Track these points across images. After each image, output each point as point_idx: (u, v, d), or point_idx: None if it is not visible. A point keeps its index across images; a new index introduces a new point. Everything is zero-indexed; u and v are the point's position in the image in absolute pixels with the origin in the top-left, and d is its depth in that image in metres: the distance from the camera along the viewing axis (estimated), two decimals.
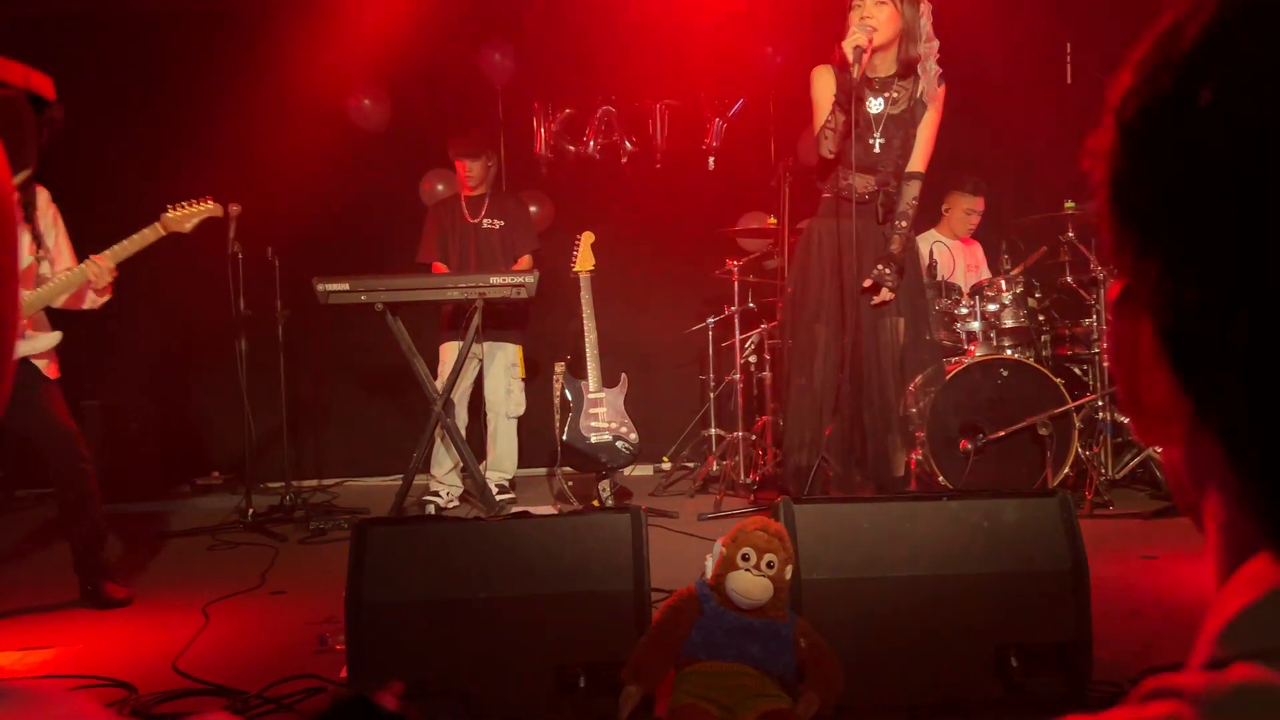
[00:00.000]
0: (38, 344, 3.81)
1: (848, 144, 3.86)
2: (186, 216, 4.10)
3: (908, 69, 3.88)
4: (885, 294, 3.92)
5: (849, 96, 3.78)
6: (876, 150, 3.91)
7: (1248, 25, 0.40)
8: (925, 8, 3.87)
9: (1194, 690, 0.37)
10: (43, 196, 3.85)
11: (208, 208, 4.17)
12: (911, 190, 3.96)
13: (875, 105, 3.90)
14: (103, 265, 3.81)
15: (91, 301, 3.96)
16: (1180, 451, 0.47)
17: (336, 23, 6.64)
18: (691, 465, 6.35)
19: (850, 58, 3.69)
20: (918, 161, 3.96)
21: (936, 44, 3.90)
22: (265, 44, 6.52)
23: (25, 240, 3.69)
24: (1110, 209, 0.46)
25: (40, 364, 3.79)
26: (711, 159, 6.88)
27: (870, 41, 3.71)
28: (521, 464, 5.85)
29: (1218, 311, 0.40)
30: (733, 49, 6.71)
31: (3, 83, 0.39)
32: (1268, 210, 0.38)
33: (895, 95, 3.92)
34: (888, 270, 3.87)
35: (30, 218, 3.72)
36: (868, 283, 3.90)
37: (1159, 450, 3.29)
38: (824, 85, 3.95)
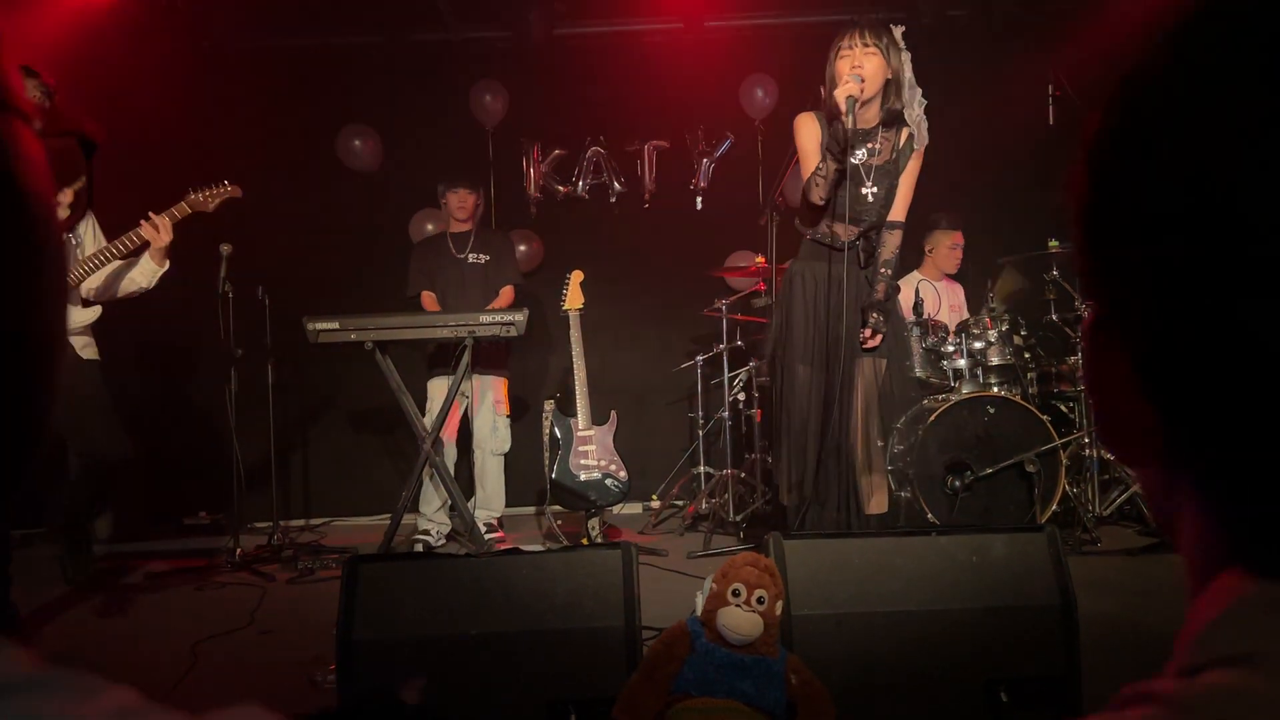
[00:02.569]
0: (74, 317, 3.84)
1: (835, 192, 3.87)
2: (211, 197, 4.17)
3: (893, 118, 3.89)
4: (878, 339, 3.94)
5: (841, 146, 3.77)
6: (868, 200, 3.92)
7: (1212, 63, 0.42)
8: (906, 56, 3.87)
9: (1168, 694, 0.39)
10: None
11: (229, 189, 4.23)
12: (894, 240, 3.97)
13: (859, 155, 3.90)
14: (162, 223, 3.85)
15: (146, 276, 3.96)
16: (1156, 473, 0.49)
17: (328, 63, 6.71)
18: (680, 503, 6.35)
19: (843, 108, 3.67)
20: (899, 211, 3.96)
21: (919, 91, 3.90)
22: (258, 83, 6.58)
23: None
24: (1083, 241, 0.49)
25: (79, 343, 3.84)
26: (699, 199, 6.94)
27: (862, 91, 3.71)
28: (509, 503, 5.84)
29: (1187, 340, 0.43)
30: (721, 90, 6.80)
31: (63, 130, 0.42)
32: (1231, 239, 0.41)
33: (879, 146, 3.92)
34: (880, 317, 3.90)
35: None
36: (867, 332, 3.91)
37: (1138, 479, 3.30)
38: (810, 132, 3.94)
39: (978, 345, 5.32)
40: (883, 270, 3.97)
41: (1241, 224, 0.40)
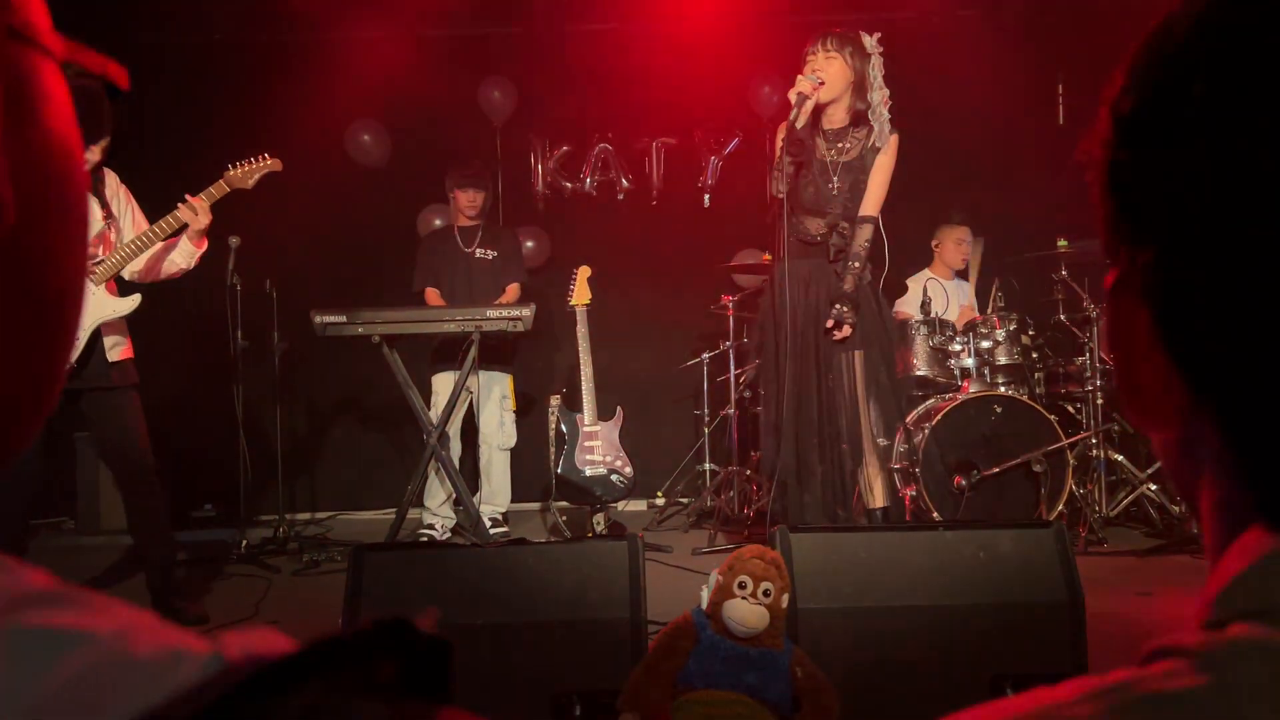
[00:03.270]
0: (119, 305, 3.82)
1: (796, 186, 4.10)
2: (249, 173, 4.13)
3: (859, 119, 4.10)
4: (845, 330, 4.01)
5: (797, 143, 4.00)
6: (833, 193, 4.10)
7: (1238, 20, 0.42)
8: (876, 60, 4.09)
9: (1193, 647, 0.39)
10: (111, 178, 3.91)
11: (268, 163, 4.20)
12: (864, 233, 4.10)
13: (830, 154, 4.13)
14: (199, 205, 3.84)
15: (185, 257, 3.95)
16: (1176, 435, 0.48)
17: (337, 58, 6.71)
18: (686, 500, 6.35)
19: (792, 102, 3.93)
20: (869, 205, 4.11)
21: (887, 93, 4.09)
22: (266, 77, 6.59)
23: (94, 207, 3.72)
24: (1105, 201, 0.48)
25: (110, 343, 3.81)
26: (707, 196, 6.94)
27: (815, 89, 3.95)
28: (515, 498, 5.84)
29: (1212, 295, 0.42)
30: (729, 88, 6.80)
31: (84, 70, 0.41)
32: (1259, 197, 0.40)
33: (848, 145, 4.13)
34: (845, 308, 3.98)
35: (98, 191, 3.76)
36: (829, 323, 4.02)
37: (1150, 488, 3.30)
38: (782, 134, 4.15)
39: (985, 344, 5.31)
40: (852, 264, 4.08)
41: (1267, 172, 0.40)
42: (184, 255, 3.97)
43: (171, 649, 0.26)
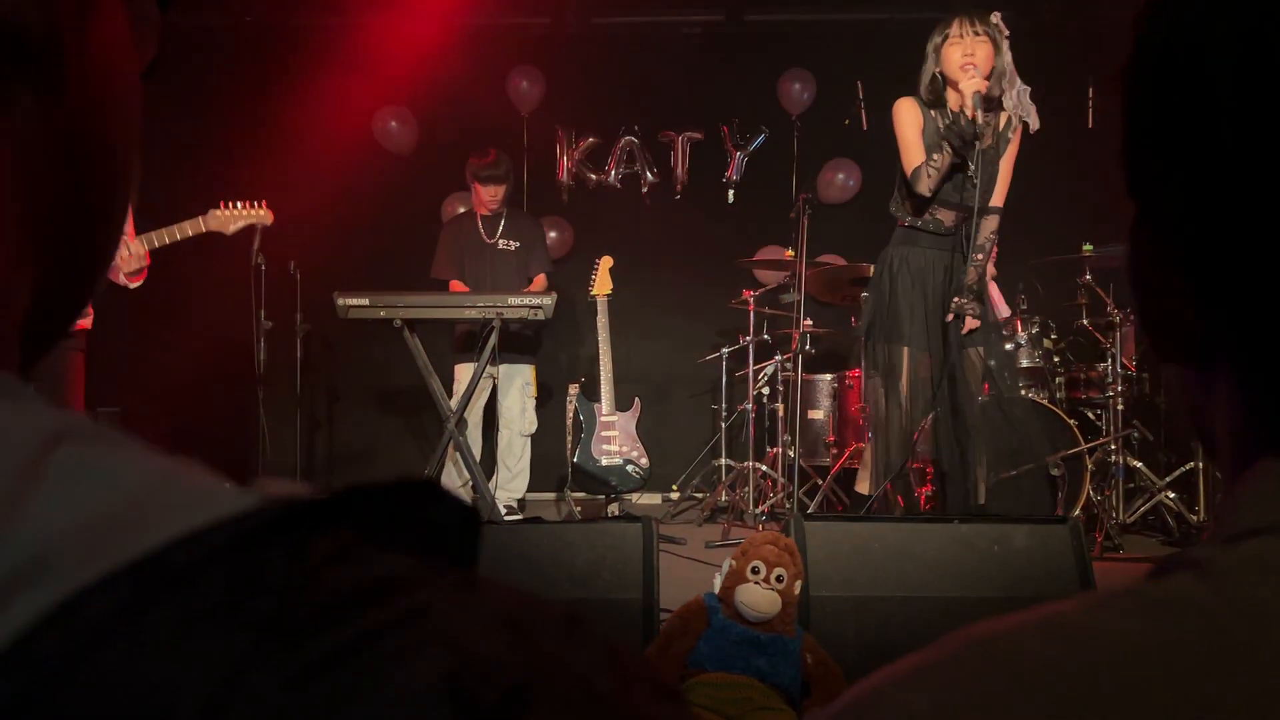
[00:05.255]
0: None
1: (944, 183, 3.86)
2: (232, 218, 4.03)
3: (993, 103, 3.85)
4: (970, 323, 3.91)
5: (966, 141, 3.74)
6: (970, 187, 3.85)
7: None
8: (1005, 42, 3.83)
9: (1204, 560, 0.39)
10: None
11: (257, 214, 4.07)
12: (990, 224, 3.95)
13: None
14: (134, 249, 3.76)
15: (123, 280, 3.90)
16: (1194, 368, 0.49)
17: (366, 45, 6.75)
18: (700, 495, 6.35)
19: (971, 104, 3.66)
20: (998, 196, 3.95)
21: (1019, 81, 3.87)
22: (296, 62, 6.63)
23: None
24: (1130, 135, 0.49)
25: None
26: (731, 192, 6.94)
27: (985, 81, 3.71)
28: (530, 487, 5.86)
29: (1233, 222, 0.43)
30: (758, 84, 6.80)
31: None
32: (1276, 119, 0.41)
33: (982, 131, 3.88)
34: (967, 301, 3.87)
35: None
36: (950, 316, 3.88)
37: (1168, 496, 3.27)
38: (912, 120, 3.89)
39: (1007, 347, 5.28)
40: (974, 255, 3.91)
41: None
42: (122, 279, 3.84)
43: (214, 483, 0.27)
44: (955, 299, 3.85)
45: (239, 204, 4.01)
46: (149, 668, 0.22)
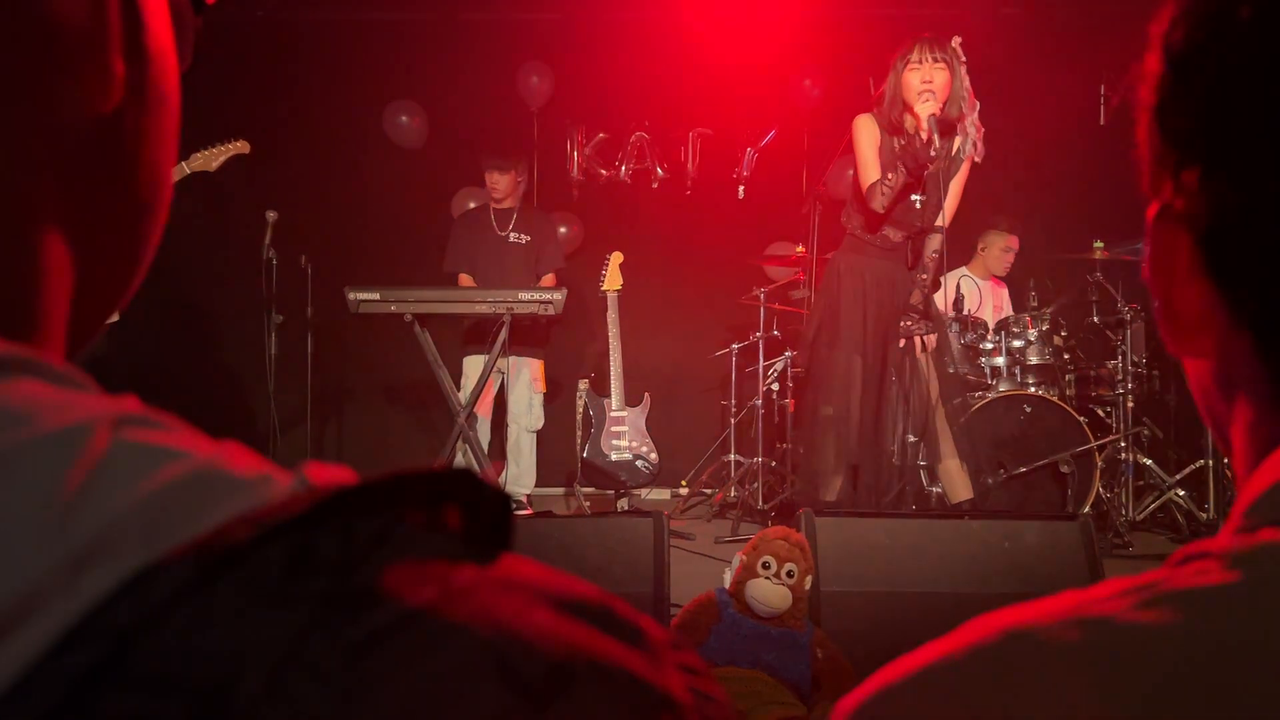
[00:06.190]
0: None
1: (898, 203, 3.92)
2: (213, 156, 4.03)
3: (948, 129, 3.89)
4: (929, 341, 3.98)
5: (916, 161, 3.78)
6: (917, 207, 3.96)
7: None
8: (962, 68, 3.88)
9: (1224, 549, 0.40)
10: None
11: (235, 146, 4.08)
12: (933, 243, 4.01)
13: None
14: None
15: None
16: (1211, 361, 0.50)
17: (377, 39, 6.76)
18: (709, 491, 6.35)
19: (926, 127, 3.71)
20: (945, 217, 3.98)
21: (977, 105, 3.91)
22: (308, 56, 6.65)
23: None
24: (1152, 130, 0.49)
25: None
26: (742, 188, 6.93)
27: (939, 108, 3.75)
28: (539, 482, 5.87)
29: (1254, 215, 0.43)
30: (768, 80, 6.79)
31: None
32: None
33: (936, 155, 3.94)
34: (914, 323, 3.94)
35: None
36: (902, 342, 3.96)
37: (1177, 493, 3.27)
38: (869, 137, 3.95)
39: (1017, 344, 5.28)
40: (921, 276, 4.02)
41: None
42: None
43: (262, 469, 0.28)
44: (902, 322, 3.91)
45: (211, 147, 4.01)
46: (216, 638, 0.23)
